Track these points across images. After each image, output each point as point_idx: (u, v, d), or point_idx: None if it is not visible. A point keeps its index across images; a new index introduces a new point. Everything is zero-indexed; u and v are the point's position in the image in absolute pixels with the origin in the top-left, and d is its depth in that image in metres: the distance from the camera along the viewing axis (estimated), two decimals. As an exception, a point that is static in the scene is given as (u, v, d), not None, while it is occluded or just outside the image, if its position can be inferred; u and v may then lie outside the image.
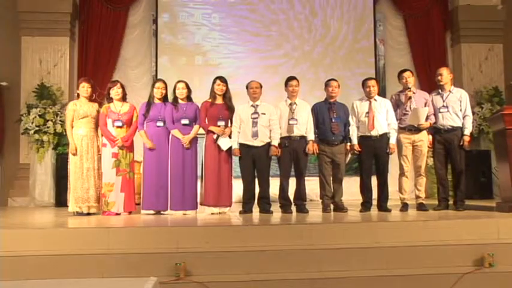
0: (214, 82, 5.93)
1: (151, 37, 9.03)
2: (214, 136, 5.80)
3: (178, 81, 5.99)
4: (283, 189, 5.86)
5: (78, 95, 6.00)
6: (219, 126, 5.83)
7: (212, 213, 5.77)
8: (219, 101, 5.91)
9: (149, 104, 5.92)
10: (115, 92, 5.90)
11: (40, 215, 6.32)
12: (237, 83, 6.84)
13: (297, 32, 9.25)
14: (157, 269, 3.89)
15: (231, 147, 5.83)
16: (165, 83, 6.03)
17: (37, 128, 7.80)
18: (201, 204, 5.91)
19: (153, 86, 6.05)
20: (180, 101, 5.93)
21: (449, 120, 5.84)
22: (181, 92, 5.91)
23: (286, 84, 5.98)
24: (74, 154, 5.76)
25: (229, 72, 8.37)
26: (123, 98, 5.99)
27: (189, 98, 5.98)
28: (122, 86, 5.98)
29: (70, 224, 5.16)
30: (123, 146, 5.79)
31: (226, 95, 5.93)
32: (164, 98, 5.96)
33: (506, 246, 4.33)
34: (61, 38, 8.43)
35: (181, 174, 5.78)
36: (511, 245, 4.34)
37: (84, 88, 5.90)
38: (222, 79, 5.94)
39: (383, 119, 5.84)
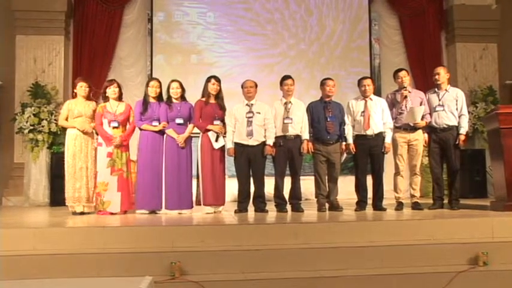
0: (208, 81, 5.90)
1: (146, 36, 9.02)
2: (213, 135, 5.79)
3: (172, 81, 5.98)
4: (278, 188, 5.86)
5: (75, 94, 5.99)
6: (216, 125, 5.84)
7: (207, 213, 5.76)
8: (212, 100, 5.90)
9: (146, 102, 5.91)
10: (112, 91, 5.89)
11: (35, 215, 6.30)
12: (232, 82, 6.85)
13: (292, 31, 9.26)
14: (152, 268, 3.88)
15: (223, 145, 5.83)
16: (159, 81, 6.02)
17: (31, 127, 7.78)
18: (198, 204, 5.91)
19: (147, 84, 6.04)
20: (174, 100, 5.93)
21: (444, 119, 5.86)
22: (175, 92, 5.90)
23: (281, 83, 5.98)
24: (84, 130, 5.77)
25: (224, 71, 8.41)
26: (119, 98, 5.98)
27: (183, 97, 5.98)
28: (119, 85, 5.97)
29: (65, 223, 5.14)
30: (121, 144, 5.78)
31: (219, 95, 5.92)
32: (159, 97, 5.96)
33: (500, 245, 4.35)
34: (56, 36, 8.41)
35: (176, 173, 5.77)
36: (505, 243, 4.36)
37: (82, 88, 5.90)
38: (217, 78, 5.92)
39: (378, 118, 5.85)
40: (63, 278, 3.66)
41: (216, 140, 5.79)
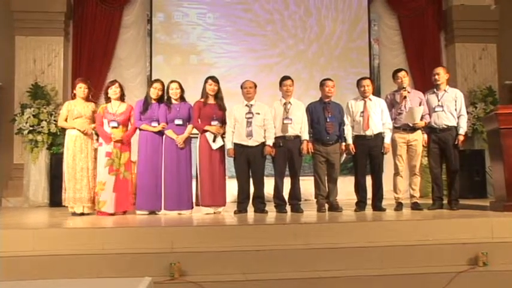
0: (206, 82, 5.91)
1: (146, 37, 9.02)
2: (211, 136, 5.79)
3: (172, 82, 5.99)
4: (278, 188, 5.86)
5: (74, 95, 5.99)
6: (213, 126, 5.84)
7: (207, 213, 5.76)
8: (211, 100, 5.90)
9: (147, 102, 5.91)
10: (113, 91, 5.89)
11: (34, 215, 6.29)
12: (231, 82, 6.86)
13: (291, 32, 9.26)
14: (151, 269, 3.89)
15: (223, 146, 5.83)
16: (162, 84, 6.01)
17: (31, 128, 7.77)
18: (197, 204, 5.90)
19: (150, 85, 6.04)
20: (173, 101, 5.93)
21: (444, 119, 5.86)
22: (175, 92, 5.91)
23: (280, 83, 5.98)
24: (85, 131, 5.78)
25: (223, 71, 8.42)
26: (121, 98, 5.98)
27: (182, 98, 5.98)
28: (120, 86, 5.98)
29: (64, 224, 5.14)
30: (121, 142, 5.78)
31: (218, 95, 5.92)
32: (160, 99, 5.96)
33: (499, 245, 4.35)
34: (55, 37, 8.41)
35: (175, 174, 5.77)
36: (504, 244, 4.36)
37: (81, 89, 5.90)
38: (214, 79, 5.92)
39: (378, 118, 5.85)
40: (62, 278, 3.65)
41: (214, 141, 5.79)
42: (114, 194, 5.75)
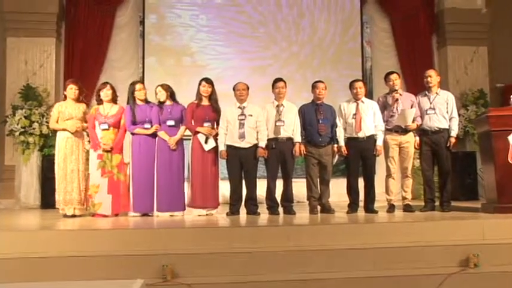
0: (199, 84, 5.92)
1: (138, 38, 8.99)
2: (202, 137, 5.79)
3: (157, 86, 5.97)
4: (270, 190, 5.87)
5: (65, 96, 5.98)
6: (205, 127, 5.84)
7: (199, 215, 5.76)
8: (205, 102, 5.91)
9: (133, 106, 5.89)
10: (104, 93, 5.89)
11: (26, 217, 6.26)
12: (224, 84, 6.82)
13: (284, 34, 9.27)
14: (144, 271, 3.88)
15: (216, 147, 5.83)
16: (142, 82, 6.03)
17: (22, 130, 7.71)
18: (188, 206, 5.90)
19: (132, 89, 5.97)
20: (166, 102, 5.92)
21: (436, 121, 5.89)
22: (160, 96, 5.89)
23: (273, 85, 6.00)
24: (77, 129, 5.78)
25: (217, 73, 8.39)
26: (113, 100, 5.96)
27: (173, 98, 5.97)
28: (112, 88, 5.96)
29: (56, 226, 5.12)
30: (111, 148, 5.76)
31: (212, 97, 5.92)
32: (146, 99, 5.97)
33: (491, 246, 4.38)
34: (47, 38, 8.35)
35: (168, 175, 5.77)
36: (495, 245, 4.39)
37: (72, 90, 5.89)
38: (208, 81, 5.93)
39: (370, 120, 5.87)
40: (54, 281, 3.64)
41: (206, 142, 5.80)
42: (110, 195, 5.73)
